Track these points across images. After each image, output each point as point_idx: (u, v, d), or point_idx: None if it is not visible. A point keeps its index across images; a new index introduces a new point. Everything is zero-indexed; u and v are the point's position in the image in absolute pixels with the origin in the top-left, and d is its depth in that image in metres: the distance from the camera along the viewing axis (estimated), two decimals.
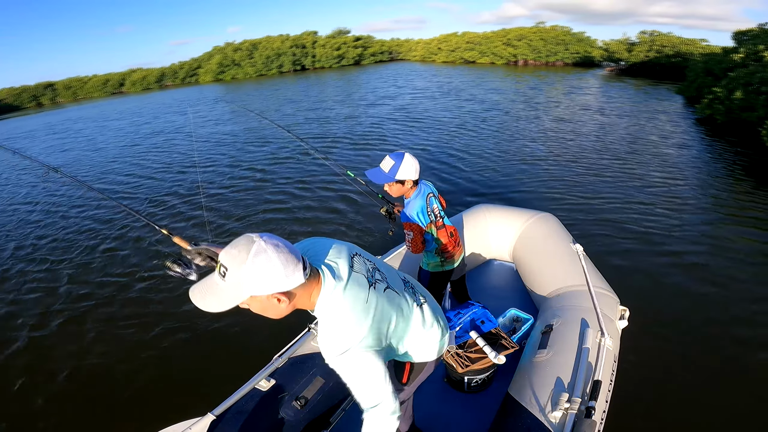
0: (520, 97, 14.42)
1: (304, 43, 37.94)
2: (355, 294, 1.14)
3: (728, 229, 4.47)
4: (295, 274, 1.02)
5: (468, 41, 31.68)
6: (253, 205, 6.18)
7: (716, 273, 3.70)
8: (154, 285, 4.21)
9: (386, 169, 2.03)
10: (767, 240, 4.24)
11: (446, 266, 2.28)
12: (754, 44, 10.37)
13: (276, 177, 7.39)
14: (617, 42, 22.39)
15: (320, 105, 15.62)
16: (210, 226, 5.28)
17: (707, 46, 18.89)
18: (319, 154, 2.95)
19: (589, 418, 1.53)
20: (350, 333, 1.11)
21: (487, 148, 8.08)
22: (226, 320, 3.54)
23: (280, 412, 1.85)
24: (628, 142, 7.95)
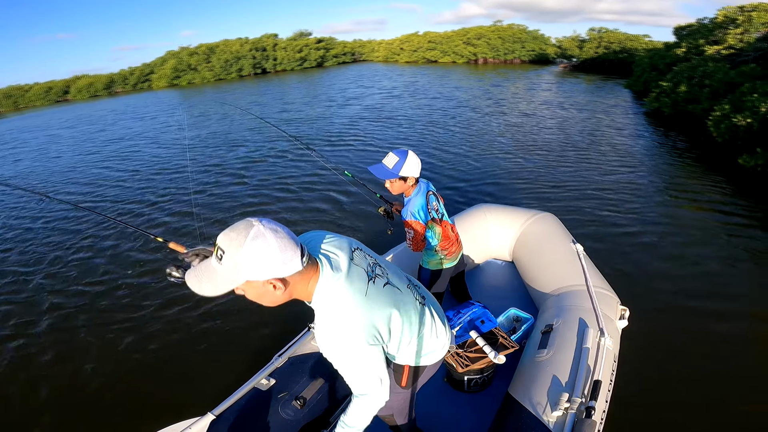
0: (485, 94, 14.99)
1: (264, 46, 37.16)
2: (354, 286, 1.13)
3: (681, 210, 4.96)
4: (292, 261, 1.00)
5: (430, 41, 32.32)
6: (243, 206, 6.08)
7: (670, 250, 4.11)
8: (152, 286, 4.16)
9: (390, 165, 2.02)
10: (718, 219, 4.74)
11: (446, 264, 2.28)
12: (695, 39, 11.33)
13: (270, 178, 7.30)
14: (569, 39, 23.72)
15: (289, 107, 15.47)
16: (199, 229, 5.16)
17: (650, 41, 20.44)
18: (317, 155, 2.99)
19: (589, 418, 1.52)
20: (346, 325, 1.11)
21: (459, 144, 8.40)
22: (227, 320, 3.51)
23: (280, 412, 1.84)
24: (588, 134, 8.55)
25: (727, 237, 4.26)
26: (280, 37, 39.39)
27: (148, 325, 3.59)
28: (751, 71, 7.82)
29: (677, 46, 12.15)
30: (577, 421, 1.52)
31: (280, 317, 3.28)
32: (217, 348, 3.22)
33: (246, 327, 3.40)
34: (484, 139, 8.70)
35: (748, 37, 9.49)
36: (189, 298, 3.80)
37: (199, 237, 4.94)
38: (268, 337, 3.13)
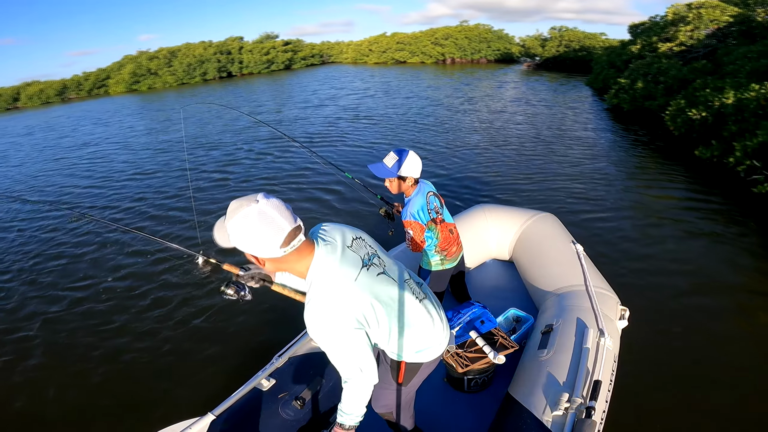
0: (457, 92, 15.37)
1: (229, 49, 36.26)
2: (344, 270, 1.18)
3: (644, 197, 5.35)
4: (270, 248, 1.07)
5: (398, 42, 32.53)
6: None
7: (634, 231, 4.47)
8: (151, 288, 4.17)
9: (389, 164, 2.03)
10: (677, 205, 5.08)
11: (446, 264, 2.29)
12: (648, 36, 11.96)
13: (251, 179, 7.25)
14: (532, 38, 24.50)
15: (262, 109, 15.27)
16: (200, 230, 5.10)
17: (606, 39, 21.41)
18: (318, 157, 3.01)
19: (589, 418, 1.52)
20: (331, 306, 1.14)
21: (436, 140, 8.68)
22: (227, 320, 3.52)
23: (280, 412, 1.84)
24: (556, 129, 9.05)
25: (685, 219, 4.63)
26: (246, 39, 38.60)
27: (148, 325, 3.57)
28: (702, 67, 8.37)
29: (632, 43, 12.79)
30: (577, 421, 1.52)
31: (280, 318, 3.29)
32: (218, 348, 3.21)
33: (246, 327, 3.39)
34: (460, 135, 9.03)
35: (698, 33, 10.14)
36: (189, 300, 3.83)
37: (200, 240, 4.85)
38: (268, 337, 3.13)
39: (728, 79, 6.85)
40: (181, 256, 4.36)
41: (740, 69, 7.05)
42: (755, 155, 4.99)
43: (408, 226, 2.10)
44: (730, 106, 5.89)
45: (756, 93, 5.62)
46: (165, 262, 4.57)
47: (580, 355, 1.83)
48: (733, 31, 9.55)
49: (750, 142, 5.04)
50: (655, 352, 2.76)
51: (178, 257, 4.50)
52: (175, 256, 4.55)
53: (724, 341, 2.87)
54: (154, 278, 4.32)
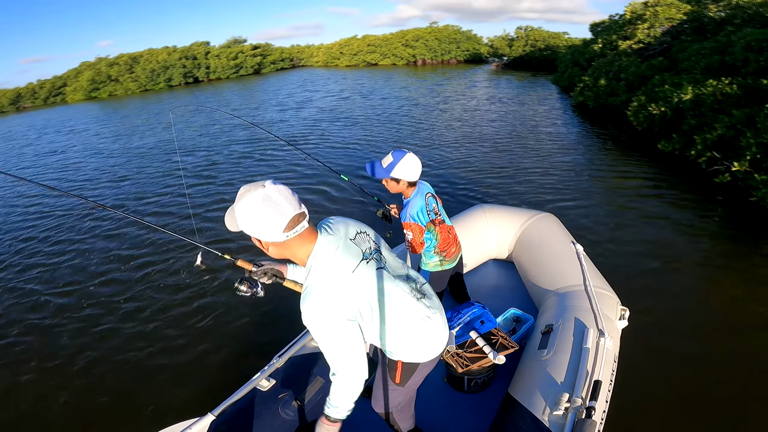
0: (431, 92, 15.68)
1: (195, 54, 35.37)
2: (343, 260, 1.19)
3: (610, 187, 5.73)
4: (273, 232, 1.11)
5: (369, 44, 32.60)
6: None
7: (604, 218, 4.78)
8: (149, 288, 4.17)
9: (384, 164, 2.02)
10: (634, 194, 5.31)
11: (445, 265, 2.28)
12: (608, 35, 12.41)
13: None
14: (500, 38, 25.07)
15: (239, 112, 15.08)
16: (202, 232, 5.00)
17: (569, 38, 22.15)
18: (312, 158, 2.98)
19: (589, 419, 1.51)
20: (328, 295, 1.15)
21: (415, 138, 9.03)
22: (227, 320, 3.51)
23: (279, 412, 1.84)
24: (527, 125, 9.44)
25: (651, 206, 4.91)
26: (213, 44, 37.84)
27: (147, 325, 3.57)
28: (660, 64, 8.74)
29: (594, 42, 13.24)
30: (578, 421, 1.52)
31: (280, 318, 3.29)
32: (218, 348, 3.21)
33: (246, 327, 3.38)
34: (438, 132, 9.34)
35: (654, 31, 10.60)
36: (189, 300, 3.83)
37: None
38: (269, 337, 3.11)
39: (684, 75, 7.18)
40: (182, 257, 4.50)
41: (695, 65, 7.40)
42: (714, 147, 5.23)
43: (407, 228, 2.09)
44: (688, 101, 6.16)
45: (713, 89, 5.91)
46: (165, 262, 4.60)
47: (580, 355, 1.83)
48: (686, 28, 10.03)
49: (709, 135, 5.29)
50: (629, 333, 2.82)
51: (178, 257, 4.59)
52: (176, 257, 4.60)
53: (700, 318, 3.02)
54: (153, 278, 4.32)
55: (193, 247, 4.46)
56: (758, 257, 3.74)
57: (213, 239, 4.92)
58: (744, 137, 4.77)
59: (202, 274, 4.16)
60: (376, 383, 1.59)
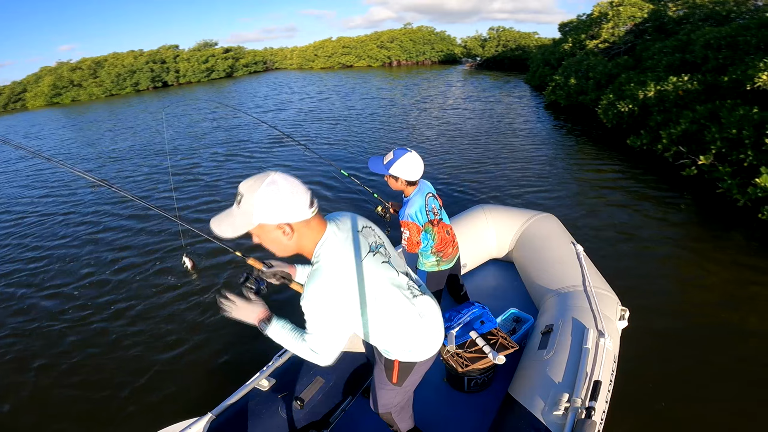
0: (409, 92, 15.93)
1: (163, 58, 34.43)
2: (351, 250, 1.19)
3: (579, 179, 6.01)
4: (301, 208, 1.10)
5: (344, 46, 32.55)
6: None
7: (581, 207, 4.94)
8: (149, 288, 4.14)
9: (385, 161, 2.02)
10: (606, 186, 5.49)
11: (442, 266, 2.27)
12: (577, 34, 12.78)
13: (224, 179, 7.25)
14: (473, 39, 25.49)
15: (215, 115, 14.86)
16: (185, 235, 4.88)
17: (539, 38, 22.74)
18: (314, 153, 2.96)
19: (589, 419, 1.51)
20: (337, 280, 1.14)
21: (398, 137, 9.35)
22: (227, 320, 3.37)
23: (279, 412, 1.84)
24: (503, 123, 9.84)
25: (622, 197, 5.06)
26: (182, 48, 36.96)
27: (147, 325, 3.55)
28: (625, 62, 9.07)
29: (563, 41, 13.63)
30: (578, 421, 1.52)
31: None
32: (218, 348, 3.19)
33: (246, 327, 3.30)
34: (418, 130, 9.68)
35: (618, 31, 10.99)
36: (189, 300, 3.81)
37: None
38: (269, 337, 3.04)
39: (649, 73, 7.47)
40: (182, 255, 4.42)
41: (658, 63, 7.71)
42: (680, 142, 5.46)
43: (405, 227, 2.08)
44: (653, 98, 6.41)
45: (674, 85, 6.17)
46: (165, 260, 4.58)
47: (580, 355, 1.83)
48: (648, 27, 10.45)
49: (674, 130, 5.51)
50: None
51: (178, 257, 4.55)
52: (177, 256, 4.58)
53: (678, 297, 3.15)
54: (153, 278, 4.29)
55: (188, 244, 4.68)
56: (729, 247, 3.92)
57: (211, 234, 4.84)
58: (708, 132, 4.99)
59: (201, 273, 4.16)
60: (374, 385, 1.60)
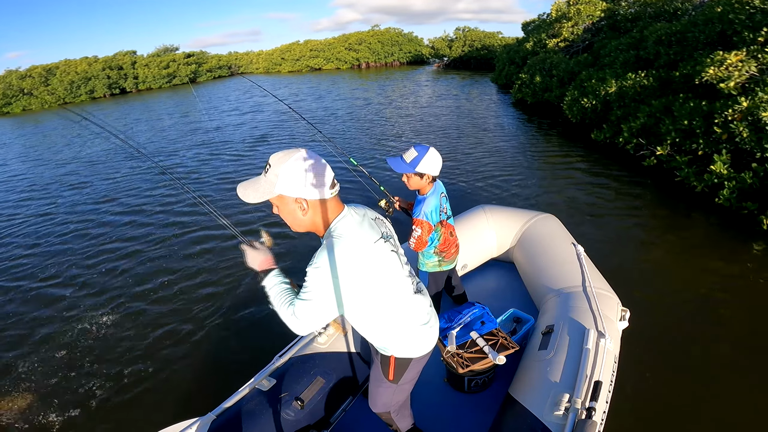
0: (383, 92, 16.25)
1: (120, 64, 33.16)
2: (367, 231, 1.23)
3: (547, 171, 6.37)
4: (321, 187, 1.16)
5: (312, 49, 32.33)
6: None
7: (548, 196, 5.30)
8: (149, 286, 4.15)
9: (408, 159, 1.99)
10: (571, 175, 5.79)
11: (444, 266, 2.28)
12: (539, 33, 13.22)
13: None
14: (440, 39, 25.91)
15: (190, 118, 14.71)
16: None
17: (503, 38, 23.39)
18: (322, 137, 2.94)
19: (589, 419, 1.51)
20: (348, 255, 1.15)
21: (376, 133, 9.72)
22: (227, 320, 3.48)
23: (280, 412, 1.84)
24: (473, 120, 10.33)
25: (588, 186, 5.45)
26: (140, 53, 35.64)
27: (147, 325, 3.55)
28: (585, 60, 9.49)
29: (526, 41, 14.08)
30: (578, 421, 1.53)
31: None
32: (218, 348, 3.19)
33: (247, 328, 3.35)
34: (395, 127, 10.11)
35: (577, 29, 11.47)
36: (189, 300, 3.81)
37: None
38: (269, 337, 3.05)
39: (607, 70, 7.85)
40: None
41: (615, 61, 8.12)
42: (639, 134, 5.78)
43: (418, 225, 2.06)
44: (613, 94, 6.75)
45: (632, 82, 6.52)
46: (164, 260, 4.59)
47: (581, 356, 1.84)
48: (603, 25, 10.96)
49: (633, 124, 5.83)
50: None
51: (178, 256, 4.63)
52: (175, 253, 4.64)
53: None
54: (151, 278, 4.29)
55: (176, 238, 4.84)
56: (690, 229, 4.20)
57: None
58: (664, 124, 5.32)
59: (199, 272, 4.21)
60: (372, 383, 1.62)
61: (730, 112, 4.44)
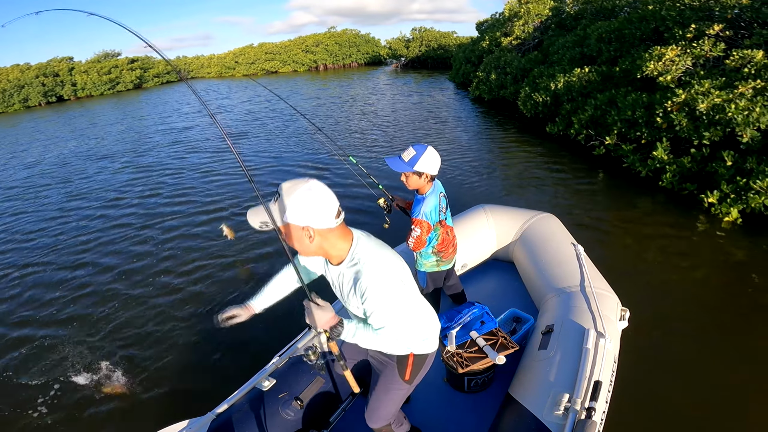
0: (346, 93, 16.34)
1: (56, 71, 30.98)
2: (385, 248, 1.35)
3: (505, 162, 6.66)
4: (327, 218, 1.21)
5: (267, 52, 31.60)
6: None
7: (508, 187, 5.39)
8: (149, 286, 4.12)
9: (406, 158, 2.01)
10: (534, 171, 6.01)
11: (442, 266, 2.28)
12: (493, 32, 13.67)
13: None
14: (397, 40, 26.16)
15: (146, 122, 14.20)
16: None
17: (458, 37, 23.99)
18: (323, 137, 2.88)
19: (590, 419, 1.51)
20: (389, 271, 1.28)
21: (343, 130, 10.08)
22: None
23: (280, 412, 1.84)
24: (437, 114, 10.84)
25: (543, 175, 5.62)
26: (78, 60, 33.48)
27: (147, 325, 3.52)
28: (535, 57, 9.92)
29: (481, 40, 14.53)
30: (578, 421, 1.52)
31: (280, 318, 3.15)
32: (218, 348, 3.17)
33: (246, 327, 3.28)
34: (361, 124, 10.46)
35: (528, 27, 11.98)
36: (188, 299, 3.78)
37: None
38: (269, 337, 3.05)
39: (556, 66, 8.25)
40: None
41: (562, 57, 8.55)
42: (588, 126, 6.12)
43: (417, 225, 2.06)
44: (562, 89, 7.11)
45: (578, 77, 6.89)
46: (166, 259, 4.54)
47: (581, 355, 1.83)
48: (551, 23, 11.52)
49: (583, 116, 6.17)
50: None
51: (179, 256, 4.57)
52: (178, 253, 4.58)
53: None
54: (151, 278, 4.24)
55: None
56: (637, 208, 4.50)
57: None
58: (609, 116, 5.66)
59: (197, 269, 4.19)
60: (376, 396, 1.61)
61: (669, 104, 4.80)
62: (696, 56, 5.20)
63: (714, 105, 4.31)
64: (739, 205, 3.87)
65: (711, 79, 4.73)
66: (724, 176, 4.11)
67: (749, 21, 5.38)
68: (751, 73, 4.44)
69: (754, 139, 4.05)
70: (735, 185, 3.96)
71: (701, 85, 4.60)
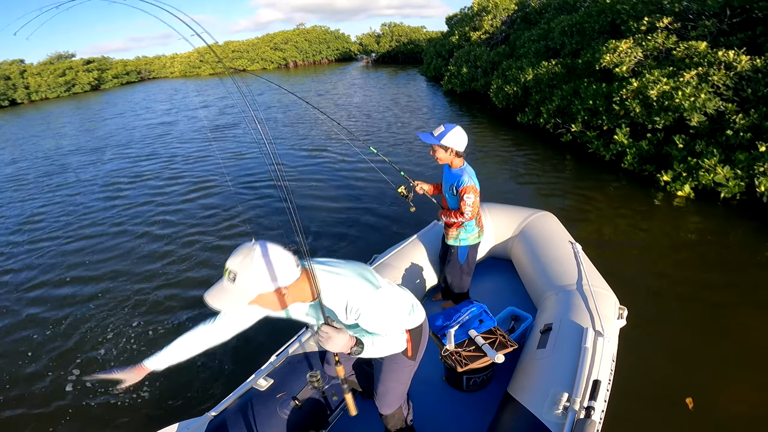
0: (321, 88, 16.34)
1: (7, 74, 29.45)
2: (347, 269, 1.34)
3: (480, 152, 6.73)
4: (292, 269, 1.19)
5: (233, 50, 30.87)
6: None
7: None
8: (149, 287, 4.09)
9: (436, 133, 2.19)
10: (507, 159, 6.36)
11: (480, 237, 2.36)
12: (462, 27, 14.02)
13: None
14: (367, 36, 26.21)
15: (123, 120, 13.88)
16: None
17: (428, 32, 24.30)
18: (341, 129, 2.94)
19: (589, 418, 1.50)
20: (372, 290, 1.30)
21: (321, 126, 10.13)
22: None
23: (278, 412, 1.84)
24: (411, 108, 11.03)
25: (516, 163, 5.97)
26: (30, 62, 31.80)
27: (146, 325, 3.52)
28: (503, 51, 10.33)
29: (451, 34, 14.87)
30: (577, 420, 1.52)
31: (278, 318, 3.20)
32: (216, 348, 3.11)
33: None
34: (343, 118, 10.67)
35: (496, 21, 12.38)
36: (187, 299, 3.78)
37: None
38: (267, 337, 3.05)
39: (524, 59, 8.66)
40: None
41: (528, 51, 8.97)
42: (555, 115, 6.54)
43: (469, 191, 2.15)
44: (530, 81, 7.51)
45: (545, 69, 7.30)
46: (166, 257, 4.53)
47: (579, 354, 1.83)
48: (517, 17, 11.97)
49: (550, 106, 6.57)
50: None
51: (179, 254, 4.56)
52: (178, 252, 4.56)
53: None
54: (151, 278, 4.23)
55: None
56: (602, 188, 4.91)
57: None
58: (574, 105, 6.08)
59: (195, 268, 4.24)
60: (383, 381, 1.60)
61: (624, 92, 5.24)
62: (649, 48, 5.67)
63: (663, 92, 4.76)
64: (692, 182, 4.33)
65: (660, 68, 5.19)
66: (677, 157, 4.56)
67: (697, 13, 5.88)
68: (694, 62, 4.92)
69: (701, 123, 4.52)
70: (686, 165, 4.41)
71: (651, 74, 5.05)
